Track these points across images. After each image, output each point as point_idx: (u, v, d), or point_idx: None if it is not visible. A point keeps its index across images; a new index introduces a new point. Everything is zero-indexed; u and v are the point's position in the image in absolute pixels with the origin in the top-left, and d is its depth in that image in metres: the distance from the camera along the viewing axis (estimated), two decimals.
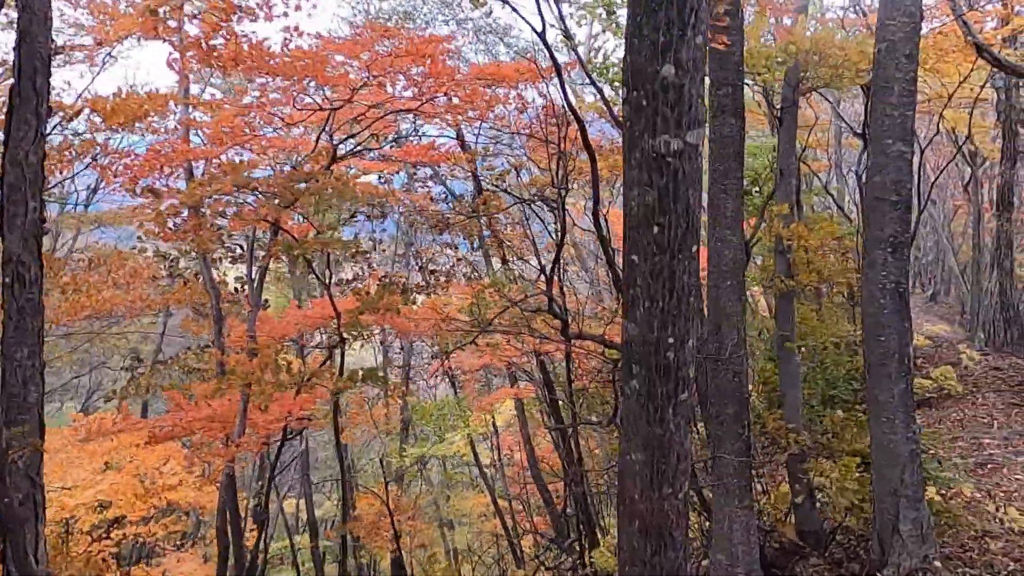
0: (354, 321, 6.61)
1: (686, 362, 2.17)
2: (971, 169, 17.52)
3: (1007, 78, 14.18)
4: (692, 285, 2.14)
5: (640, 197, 2.08)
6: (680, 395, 2.17)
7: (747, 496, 5.40)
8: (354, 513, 13.63)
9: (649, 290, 2.09)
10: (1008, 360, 14.38)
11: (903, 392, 5.16)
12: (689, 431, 2.28)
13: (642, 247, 2.10)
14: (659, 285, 2.07)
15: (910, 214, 5.10)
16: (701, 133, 2.11)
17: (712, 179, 5.54)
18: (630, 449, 2.27)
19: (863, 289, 5.34)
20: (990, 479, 8.63)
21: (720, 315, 5.50)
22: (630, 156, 2.13)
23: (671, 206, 2.03)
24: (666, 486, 2.22)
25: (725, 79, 5.38)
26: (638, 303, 2.12)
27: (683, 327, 2.13)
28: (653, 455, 2.19)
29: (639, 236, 2.11)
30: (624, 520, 2.30)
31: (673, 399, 2.16)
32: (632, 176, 2.12)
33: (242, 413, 7.42)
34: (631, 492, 2.25)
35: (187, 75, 8.55)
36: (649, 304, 2.10)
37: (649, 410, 2.17)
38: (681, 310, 2.10)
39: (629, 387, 2.24)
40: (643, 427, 2.20)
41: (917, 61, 4.91)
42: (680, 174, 2.03)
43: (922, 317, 19.83)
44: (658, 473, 2.21)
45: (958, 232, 24.25)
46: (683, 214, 2.05)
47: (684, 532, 2.31)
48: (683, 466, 2.25)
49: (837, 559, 6.37)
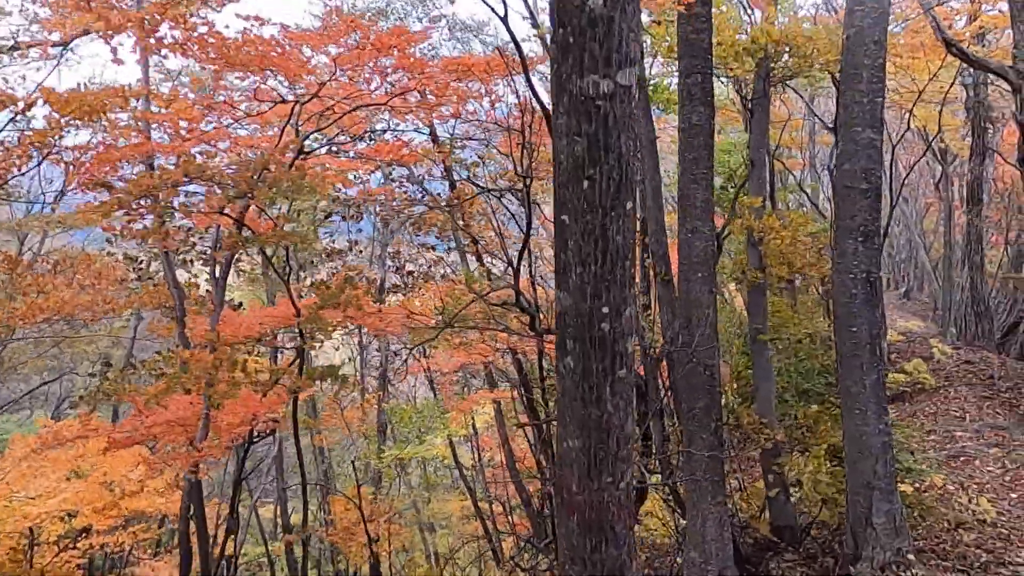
0: (314, 317, 6.38)
1: (624, 334, 1.98)
2: (941, 167, 17.75)
3: (975, 75, 14.37)
4: (628, 247, 1.95)
5: (569, 148, 1.88)
6: (618, 371, 1.98)
7: (720, 492, 5.30)
8: (328, 518, 13.35)
9: (580, 253, 1.90)
10: (979, 354, 14.55)
11: (875, 383, 5.10)
12: (631, 413, 2.10)
13: (572, 205, 1.91)
14: (591, 247, 1.88)
15: (880, 202, 5.04)
16: (634, 73, 1.95)
17: (682, 169, 5.45)
18: (566, 435, 2.08)
19: (834, 279, 5.27)
20: (962, 471, 8.66)
21: (691, 307, 5.40)
22: (558, 103, 1.94)
23: (602, 156, 1.84)
24: (606, 474, 2.04)
25: (694, 67, 5.28)
26: (570, 269, 1.93)
27: (618, 294, 1.93)
28: (590, 440, 2.00)
29: (569, 193, 1.91)
30: (562, 514, 2.11)
31: (610, 376, 1.97)
32: (560, 125, 1.93)
33: (204, 416, 7.18)
34: (568, 483, 2.07)
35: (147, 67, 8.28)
36: (581, 270, 1.91)
37: (584, 389, 1.98)
38: (616, 275, 1.91)
39: (564, 365, 2.04)
40: (579, 409, 2.02)
41: (885, 47, 4.86)
42: (611, 119, 1.85)
43: (896, 313, 20.05)
44: (596, 460, 2.02)
45: (929, 230, 24.60)
46: (616, 165, 1.86)
47: (628, 526, 2.13)
48: (624, 452, 2.07)
49: (812, 553, 6.31)
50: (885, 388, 5.37)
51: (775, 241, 5.99)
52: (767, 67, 6.35)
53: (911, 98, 12.71)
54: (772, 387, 6.79)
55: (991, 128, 15.81)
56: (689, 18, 5.22)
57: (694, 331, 5.37)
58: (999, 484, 8.21)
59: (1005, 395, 11.93)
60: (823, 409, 6.71)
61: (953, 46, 10.68)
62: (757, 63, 6.27)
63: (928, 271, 22.12)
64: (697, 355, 5.31)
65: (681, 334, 5.44)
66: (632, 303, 1.98)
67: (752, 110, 6.59)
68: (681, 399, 5.60)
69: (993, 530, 6.67)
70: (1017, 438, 9.68)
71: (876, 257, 5.11)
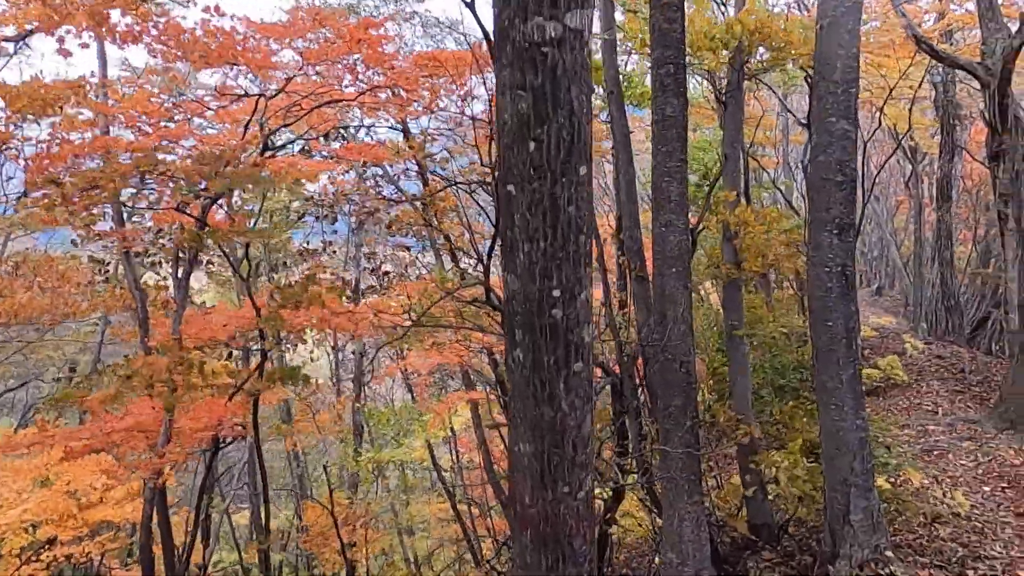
0: (274, 317, 6.14)
1: (580, 321, 1.74)
2: (912, 165, 17.99)
3: (944, 74, 14.55)
4: (583, 219, 1.71)
5: (512, 105, 1.64)
6: (573, 364, 1.74)
7: (696, 491, 5.19)
8: (302, 524, 13.05)
9: (528, 228, 1.67)
10: (950, 348, 14.74)
11: (851, 378, 5.03)
12: (590, 413, 1.87)
13: (517, 171, 1.66)
14: (539, 220, 1.65)
15: (855, 195, 4.98)
16: (586, 16, 1.71)
17: (656, 162, 5.33)
18: (517, 438, 1.84)
19: (809, 273, 5.20)
20: (936, 465, 8.70)
21: (666, 303, 5.29)
22: (500, 53, 1.70)
23: (550, 112, 1.60)
24: (561, 483, 1.79)
25: (667, 57, 5.17)
26: (516, 247, 1.70)
27: (572, 274, 1.68)
28: (543, 444, 1.76)
29: (514, 157, 1.68)
30: (515, 527, 1.89)
31: (564, 370, 1.73)
32: (503, 79, 1.68)
33: (166, 422, 6.90)
34: (521, 493, 1.82)
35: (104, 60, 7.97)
36: (529, 247, 1.68)
37: (535, 386, 1.75)
38: (568, 252, 1.67)
39: (513, 359, 1.82)
40: (530, 409, 1.78)
41: (859, 37, 4.79)
42: (560, 68, 1.61)
43: (868, 310, 20.27)
44: (550, 467, 1.78)
45: (900, 227, 24.97)
46: (566, 123, 1.62)
47: (588, 540, 1.89)
48: (582, 457, 1.82)
49: (789, 552, 6.24)
50: (861, 383, 5.31)
51: (749, 235, 5.91)
52: (741, 60, 6.28)
53: (882, 95, 12.81)
54: (748, 383, 6.72)
55: (959, 126, 16.05)
56: (661, 7, 5.11)
57: (669, 327, 5.26)
58: (972, 477, 8.25)
59: (976, 389, 12.07)
60: (799, 405, 6.65)
61: (923, 43, 10.77)
62: (731, 55, 6.19)
63: (899, 268, 22.43)
64: (672, 351, 5.19)
65: (656, 330, 5.32)
66: (589, 285, 1.77)
67: (726, 104, 6.52)
68: (657, 397, 5.48)
69: (968, 523, 6.68)
70: (988, 431, 9.77)
71: (851, 250, 5.04)
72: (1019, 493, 7.77)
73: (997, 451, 8.92)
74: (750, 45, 5.95)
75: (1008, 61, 9.01)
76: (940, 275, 16.26)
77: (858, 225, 14.88)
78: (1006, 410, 9.99)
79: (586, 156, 1.73)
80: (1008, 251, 10.01)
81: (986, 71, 9.39)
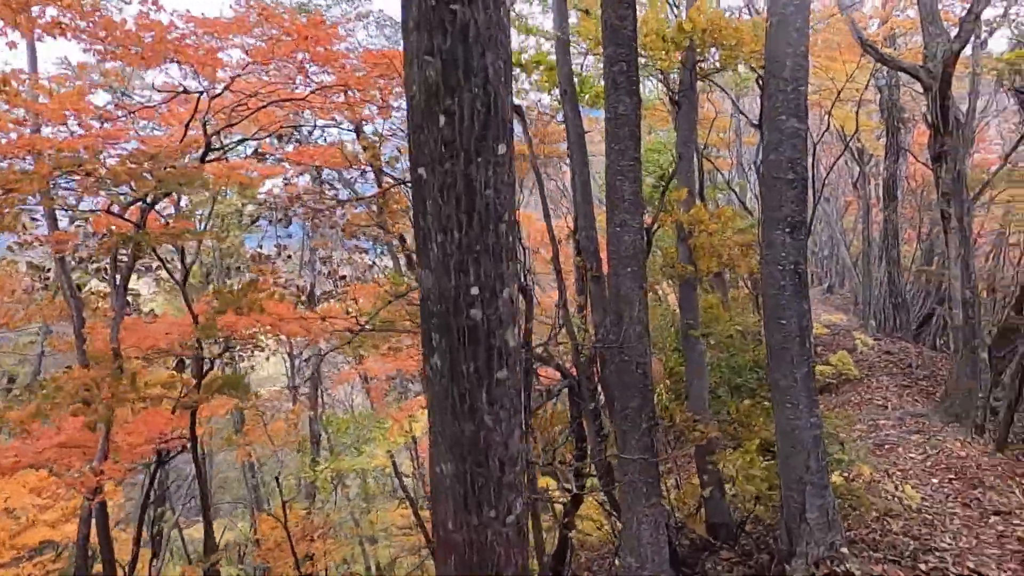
0: (211, 324, 5.83)
1: (502, 322, 1.51)
2: (859, 166, 18.50)
3: (889, 77, 14.99)
4: (504, 206, 1.49)
5: (420, 74, 1.42)
6: (496, 372, 1.52)
7: (654, 494, 5.13)
8: (255, 537, 12.61)
9: (440, 215, 1.45)
10: (898, 344, 15.17)
11: (805, 376, 5.04)
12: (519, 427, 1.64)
13: (428, 151, 1.44)
14: (452, 206, 1.43)
15: (806, 193, 5.00)
16: None
17: (609, 161, 5.25)
18: (439, 457, 1.63)
19: (762, 271, 5.19)
20: (887, 458, 8.88)
21: (621, 303, 5.22)
22: (406, 15, 1.47)
23: (461, 81, 1.38)
24: (487, 507, 1.56)
25: (619, 55, 5.10)
26: (430, 238, 1.48)
27: (492, 269, 1.45)
28: (465, 464, 1.54)
29: (424, 135, 1.45)
30: (439, 555, 1.64)
31: (486, 379, 1.51)
32: (411, 45, 1.46)
33: (104, 436, 6.53)
34: (443, 517, 1.61)
35: (34, 53, 7.53)
36: (442, 237, 1.46)
37: (455, 398, 1.53)
38: (487, 243, 1.44)
39: (431, 366, 1.58)
40: (449, 424, 1.57)
41: (807, 35, 4.81)
42: (472, 31, 1.39)
43: (820, 308, 20.75)
44: (474, 489, 1.55)
45: (849, 227, 25.66)
46: (480, 93, 1.41)
47: (519, 568, 1.64)
48: (511, 477, 1.59)
49: (747, 551, 6.25)
50: (814, 381, 5.33)
51: (704, 234, 5.91)
52: (693, 59, 6.28)
53: (830, 98, 13.12)
54: (705, 383, 6.72)
55: (903, 128, 16.57)
56: (613, 4, 5.04)
57: (625, 328, 5.19)
58: (921, 470, 8.44)
59: (923, 383, 12.43)
60: (755, 403, 6.68)
61: (868, 46, 11.04)
62: (683, 54, 6.18)
63: (849, 266, 23.05)
64: (628, 353, 5.12)
65: (612, 331, 5.25)
66: (512, 281, 1.55)
67: (679, 103, 6.51)
68: (613, 399, 5.41)
69: (919, 516, 6.80)
70: (935, 424, 10.04)
71: (803, 248, 5.06)
72: (965, 484, 7.97)
73: (944, 444, 9.15)
74: (701, 44, 5.95)
75: (948, 64, 9.28)
76: (887, 273, 16.76)
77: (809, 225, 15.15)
78: (951, 404, 10.29)
79: (505, 133, 1.54)
80: (951, 249, 10.31)
81: (928, 74, 9.65)
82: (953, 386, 10.43)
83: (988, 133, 19.44)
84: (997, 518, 7.03)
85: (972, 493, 7.67)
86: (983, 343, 10.19)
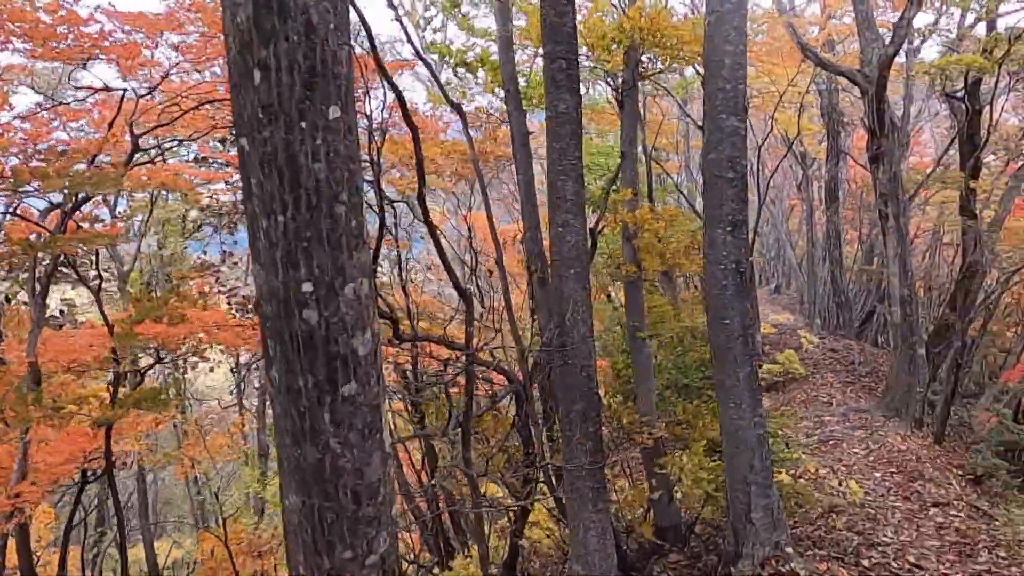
0: (126, 334, 5.48)
1: (347, 325, 1.26)
2: (802, 169, 19.00)
3: (828, 82, 15.41)
4: (340, 183, 1.23)
5: (231, 19, 1.20)
6: (341, 387, 1.28)
7: (601, 500, 5.03)
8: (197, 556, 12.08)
9: (264, 196, 1.20)
10: (842, 342, 15.58)
11: (748, 376, 5.02)
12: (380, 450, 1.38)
13: (247, 116, 1.20)
14: (275, 183, 1.18)
15: (746, 191, 4.98)
16: None
17: (550, 160, 5.15)
18: (286, 488, 1.38)
19: (705, 271, 5.16)
20: (832, 454, 9.03)
21: (565, 305, 5.11)
22: None
23: (276, 25, 1.13)
24: (341, 546, 1.31)
25: (558, 52, 5.00)
26: (256, 224, 1.25)
27: (328, 261, 1.20)
28: (311, 495, 1.29)
29: (241, 97, 1.21)
30: None
31: (329, 395, 1.27)
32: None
33: (21, 456, 6.09)
34: (294, 561, 1.37)
35: None
36: (267, 223, 1.22)
37: (293, 417, 1.29)
38: (320, 229, 1.20)
39: (271, 380, 1.34)
40: (289, 448, 1.32)
41: (746, 34, 4.80)
42: None
43: (768, 307, 21.21)
44: (323, 526, 1.30)
45: (795, 229, 26.35)
46: (301, 42, 1.15)
47: None
48: (370, 510, 1.34)
49: (696, 553, 6.21)
50: (759, 380, 5.32)
51: (648, 234, 5.87)
52: (635, 57, 6.24)
53: (773, 101, 13.39)
54: (652, 384, 6.68)
55: (843, 132, 17.08)
56: (551, 0, 4.94)
57: (569, 331, 5.08)
58: (864, 465, 8.61)
59: (865, 379, 12.76)
60: (702, 403, 6.67)
61: (808, 51, 11.28)
62: (626, 52, 6.14)
63: (794, 267, 23.64)
64: (573, 356, 5.02)
65: (556, 334, 5.13)
66: (363, 276, 1.29)
67: (622, 102, 6.46)
68: (559, 403, 5.29)
69: (862, 511, 6.90)
70: (877, 419, 10.29)
71: (744, 247, 5.04)
72: (906, 477, 8.16)
73: (886, 438, 9.37)
74: (643, 43, 5.91)
75: (884, 68, 9.53)
76: (831, 273, 17.22)
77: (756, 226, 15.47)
78: (892, 399, 10.55)
79: (340, 94, 1.27)
80: (889, 248, 10.59)
81: (865, 78, 9.91)
82: (893, 382, 10.71)
83: (922, 137, 20.21)
84: (936, 510, 7.20)
85: (912, 486, 7.85)
86: (920, 339, 10.51)
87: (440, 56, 7.79)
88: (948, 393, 9.46)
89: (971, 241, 10.50)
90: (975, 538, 6.34)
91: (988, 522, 6.95)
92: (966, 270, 10.57)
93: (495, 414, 6.68)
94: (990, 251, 10.95)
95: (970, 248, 10.51)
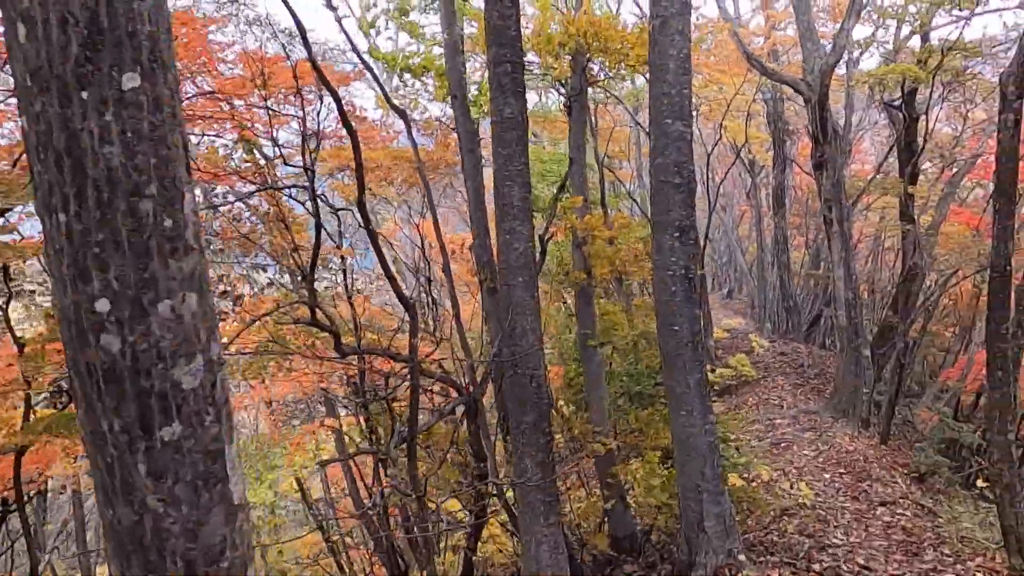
0: (37, 354, 5.09)
1: (162, 353, 1.03)
2: (751, 177, 19.43)
3: (774, 91, 15.77)
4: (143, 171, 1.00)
5: None
6: (160, 430, 1.05)
7: (553, 513, 4.90)
8: None
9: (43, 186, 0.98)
10: (791, 345, 15.89)
11: (698, 382, 4.99)
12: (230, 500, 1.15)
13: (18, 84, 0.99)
14: (53, 171, 0.96)
15: (693, 197, 4.96)
16: None
17: (496, 166, 5.03)
18: (109, 557, 1.15)
19: (654, 277, 5.12)
20: (783, 456, 9.13)
21: (514, 314, 4.99)
22: None
23: None
24: None
25: (503, 56, 4.90)
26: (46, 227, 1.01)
27: (132, 271, 1.00)
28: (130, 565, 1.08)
29: (14, 61, 0.99)
30: None
31: (143, 442, 1.04)
32: None
33: None
34: None
35: None
36: (49, 224, 1.00)
37: (101, 470, 1.06)
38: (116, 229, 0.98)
39: (79, 423, 1.11)
40: (102, 508, 1.10)
41: (690, 38, 4.79)
42: None
43: (720, 312, 21.55)
44: None
45: (745, 235, 26.92)
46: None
47: None
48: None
49: (652, 562, 6.15)
50: (708, 386, 5.30)
51: (598, 241, 5.81)
52: (582, 62, 6.21)
53: (721, 110, 13.62)
54: (604, 393, 6.61)
55: (789, 140, 17.52)
56: (495, 3, 4.84)
57: (519, 340, 4.96)
58: (814, 466, 8.72)
59: (814, 381, 13.00)
60: (655, 411, 6.63)
61: (754, 60, 11.50)
62: (572, 58, 6.10)
63: (745, 272, 24.14)
64: (522, 366, 4.90)
65: (505, 344, 5.00)
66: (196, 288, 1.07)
67: (570, 108, 6.41)
68: (508, 414, 5.16)
69: (813, 512, 6.96)
70: (826, 420, 10.47)
71: (693, 252, 5.02)
72: (854, 478, 8.29)
73: (834, 439, 9.53)
74: (588, 47, 5.87)
75: (825, 77, 9.77)
76: (779, 278, 17.61)
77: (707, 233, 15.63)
78: (839, 400, 10.77)
79: (137, 57, 1.01)
80: (834, 252, 10.84)
81: (808, 87, 10.14)
82: (840, 383, 10.94)
83: (863, 145, 20.89)
84: (883, 508, 7.32)
85: (860, 486, 7.98)
86: (865, 341, 10.76)
87: (384, 63, 7.62)
88: (892, 393, 9.70)
89: (910, 245, 10.83)
90: (921, 536, 6.46)
91: (933, 519, 7.10)
92: (907, 273, 10.88)
93: (453, 426, 6.52)
94: (928, 255, 11.32)
95: (910, 252, 10.84)
